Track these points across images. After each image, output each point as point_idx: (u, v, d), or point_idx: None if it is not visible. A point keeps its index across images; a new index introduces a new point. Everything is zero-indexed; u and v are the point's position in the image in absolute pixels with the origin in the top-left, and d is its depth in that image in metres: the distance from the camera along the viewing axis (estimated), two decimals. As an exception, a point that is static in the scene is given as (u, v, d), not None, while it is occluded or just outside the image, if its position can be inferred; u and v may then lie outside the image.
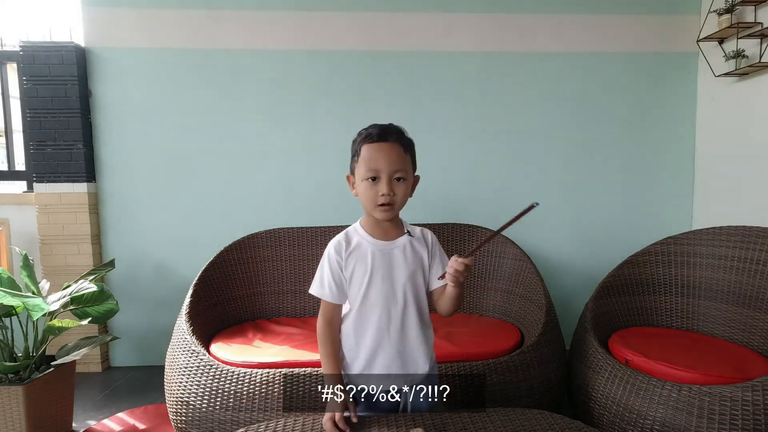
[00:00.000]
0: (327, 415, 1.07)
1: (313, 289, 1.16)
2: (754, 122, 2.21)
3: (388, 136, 1.10)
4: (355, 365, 1.15)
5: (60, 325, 1.75)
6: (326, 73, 2.55)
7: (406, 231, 1.17)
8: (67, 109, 2.46)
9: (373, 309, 1.13)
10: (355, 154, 1.13)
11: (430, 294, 1.19)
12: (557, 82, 2.59)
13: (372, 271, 1.12)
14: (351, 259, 1.13)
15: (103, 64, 2.51)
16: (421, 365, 1.15)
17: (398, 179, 1.09)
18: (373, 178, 1.08)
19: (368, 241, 1.14)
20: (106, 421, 2.00)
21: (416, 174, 1.16)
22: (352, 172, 1.16)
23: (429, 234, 1.20)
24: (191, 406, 1.58)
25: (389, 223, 1.16)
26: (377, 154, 1.08)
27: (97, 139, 2.55)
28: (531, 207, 0.93)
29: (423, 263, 1.16)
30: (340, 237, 1.16)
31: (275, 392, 1.55)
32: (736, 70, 2.20)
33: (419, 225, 1.25)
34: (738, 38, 2.21)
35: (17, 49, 2.48)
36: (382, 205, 1.09)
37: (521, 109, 2.60)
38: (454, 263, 1.02)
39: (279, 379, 1.57)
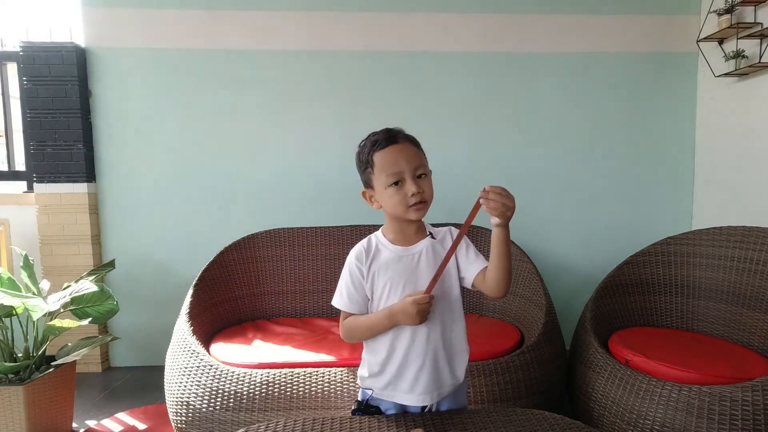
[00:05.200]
0: (409, 302, 0.98)
1: (335, 301, 1.11)
2: (754, 122, 2.21)
3: (396, 138, 1.05)
4: (381, 380, 1.10)
5: (60, 325, 1.75)
6: (326, 73, 2.55)
7: (428, 233, 1.11)
8: (67, 109, 2.46)
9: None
10: (368, 166, 1.06)
11: (471, 285, 1.10)
12: (557, 82, 2.59)
13: (393, 279, 1.06)
14: (373, 267, 1.08)
15: (103, 64, 2.52)
16: (449, 378, 1.10)
17: (420, 176, 1.04)
18: (397, 182, 1.03)
19: (388, 249, 1.09)
20: (106, 421, 2.00)
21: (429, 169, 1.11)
22: (368, 185, 1.09)
23: (455, 231, 1.13)
24: (191, 407, 1.58)
25: (412, 229, 1.10)
26: (394, 156, 1.03)
27: (97, 139, 2.55)
28: (478, 203, 0.96)
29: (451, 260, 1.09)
30: (360, 244, 1.11)
31: (275, 392, 1.55)
32: (735, 70, 2.20)
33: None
34: (738, 38, 2.21)
35: (17, 49, 2.48)
36: (414, 204, 1.03)
37: (520, 109, 2.60)
38: (493, 195, 0.95)
39: (279, 379, 1.57)
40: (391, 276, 1.07)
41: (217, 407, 1.55)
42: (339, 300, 1.10)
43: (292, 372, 1.59)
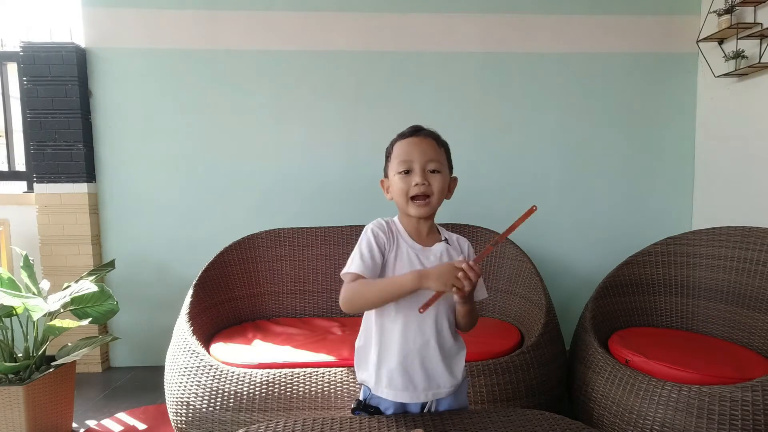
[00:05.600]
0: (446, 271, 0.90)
1: (349, 268, 1.01)
2: (754, 122, 2.21)
3: (421, 131, 1.08)
4: (380, 380, 1.08)
5: (60, 325, 1.75)
6: (326, 73, 2.55)
7: (444, 238, 1.10)
8: (67, 109, 2.46)
9: (404, 318, 1.04)
10: (389, 156, 1.09)
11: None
12: (557, 82, 2.59)
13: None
14: (392, 249, 1.04)
15: (103, 64, 2.52)
16: (447, 378, 1.08)
17: (432, 171, 1.02)
18: (407, 171, 1.03)
19: (407, 243, 1.06)
20: (106, 421, 2.00)
21: (453, 176, 1.11)
22: (385, 174, 1.11)
23: (465, 243, 1.12)
24: (191, 407, 1.59)
25: (426, 226, 1.09)
26: (410, 147, 1.05)
27: (97, 139, 2.55)
28: (531, 210, 0.92)
29: None
30: (381, 220, 1.07)
31: (275, 392, 1.55)
32: (735, 70, 2.20)
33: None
34: (738, 39, 2.21)
35: (17, 49, 2.48)
36: (415, 197, 1.01)
37: (521, 109, 2.60)
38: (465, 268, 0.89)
39: (279, 379, 1.57)
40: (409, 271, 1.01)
41: (217, 407, 1.56)
42: (355, 265, 1.01)
43: (292, 372, 1.59)
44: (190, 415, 1.59)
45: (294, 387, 1.56)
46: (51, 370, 1.81)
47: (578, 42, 2.58)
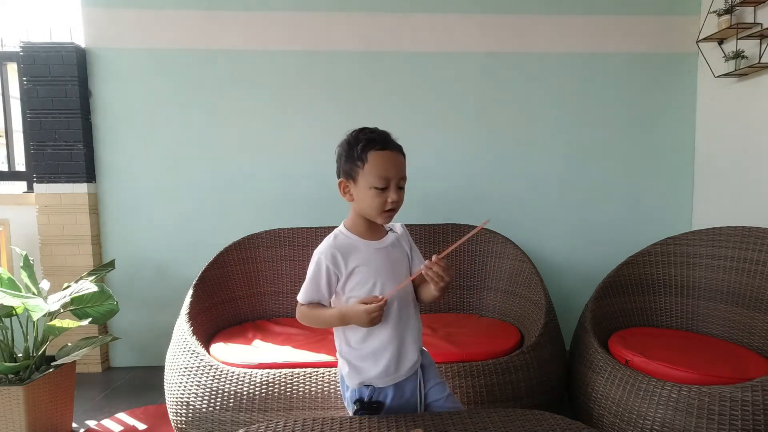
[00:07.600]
0: (362, 309, 1.06)
1: (300, 296, 1.14)
2: (754, 122, 2.21)
3: (391, 144, 1.11)
4: (377, 371, 1.13)
5: (60, 325, 1.75)
6: (326, 74, 2.55)
7: (388, 229, 1.20)
8: (67, 109, 2.46)
9: (387, 310, 1.12)
10: (359, 160, 1.08)
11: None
12: (557, 83, 2.59)
13: (377, 272, 1.12)
14: (350, 264, 1.11)
15: (103, 65, 2.52)
16: (422, 349, 1.23)
17: (400, 187, 1.11)
18: (383, 188, 1.07)
19: (363, 244, 1.14)
20: (106, 421, 2.00)
21: None
22: (350, 177, 1.11)
23: (403, 226, 1.24)
24: (191, 407, 1.59)
25: (374, 224, 1.16)
26: (387, 162, 1.07)
27: (97, 139, 2.55)
28: (484, 223, 1.04)
29: (407, 254, 1.21)
30: (331, 247, 1.11)
31: (275, 392, 1.55)
32: (735, 70, 2.20)
33: (418, 225, 1.26)
34: (737, 39, 2.21)
35: (17, 49, 2.48)
36: (388, 210, 1.09)
37: (521, 110, 2.60)
38: (437, 268, 1.03)
39: (279, 379, 1.57)
40: (376, 268, 1.12)
41: (217, 407, 1.56)
42: (302, 295, 1.14)
43: (292, 372, 1.59)
44: (190, 415, 1.59)
45: (294, 387, 1.56)
46: (51, 370, 1.81)
47: (578, 42, 2.58)
